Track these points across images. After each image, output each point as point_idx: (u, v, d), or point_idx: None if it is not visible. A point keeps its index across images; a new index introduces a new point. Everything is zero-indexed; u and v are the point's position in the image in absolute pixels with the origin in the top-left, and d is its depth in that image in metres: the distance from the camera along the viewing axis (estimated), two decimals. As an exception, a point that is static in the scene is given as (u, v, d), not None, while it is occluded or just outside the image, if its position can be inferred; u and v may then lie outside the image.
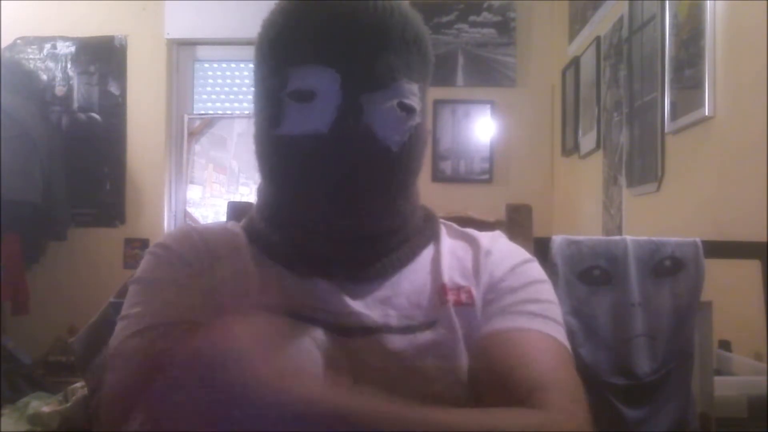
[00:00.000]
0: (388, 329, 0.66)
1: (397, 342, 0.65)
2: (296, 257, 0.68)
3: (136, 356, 0.60)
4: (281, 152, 0.67)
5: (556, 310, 0.69)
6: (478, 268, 0.71)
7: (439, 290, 0.69)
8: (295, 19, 0.67)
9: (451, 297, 0.68)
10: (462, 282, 0.70)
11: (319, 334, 0.64)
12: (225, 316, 0.58)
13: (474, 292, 0.69)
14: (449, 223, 0.79)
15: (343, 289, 0.67)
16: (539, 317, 0.66)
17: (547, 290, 0.71)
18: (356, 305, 0.66)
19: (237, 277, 0.68)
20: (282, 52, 0.67)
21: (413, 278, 0.70)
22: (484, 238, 0.75)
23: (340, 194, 0.64)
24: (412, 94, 0.67)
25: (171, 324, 0.62)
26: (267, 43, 0.69)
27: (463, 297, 0.69)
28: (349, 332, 0.65)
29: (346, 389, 0.59)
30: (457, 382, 0.65)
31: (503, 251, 0.73)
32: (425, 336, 0.66)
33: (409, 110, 0.67)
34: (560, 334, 0.67)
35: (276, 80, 0.67)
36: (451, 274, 0.70)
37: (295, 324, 0.64)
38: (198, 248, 0.70)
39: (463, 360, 0.66)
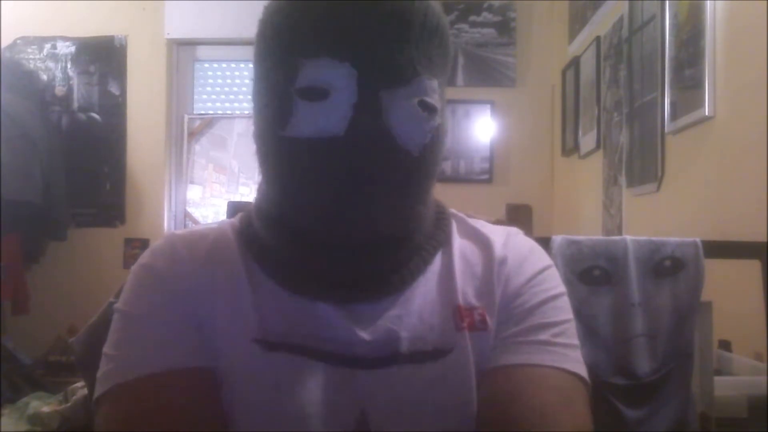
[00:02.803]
0: (398, 358, 0.61)
1: (408, 372, 0.60)
2: (299, 276, 0.62)
3: (112, 426, 0.58)
4: (289, 155, 0.60)
5: (570, 330, 0.65)
6: (491, 280, 0.66)
7: (454, 313, 0.63)
8: (305, 5, 0.59)
9: (466, 321, 0.63)
10: (475, 301, 0.65)
11: (322, 369, 0.60)
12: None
13: (487, 315, 0.64)
14: (460, 216, 0.73)
15: (350, 313, 0.62)
16: (552, 347, 0.62)
17: (562, 305, 0.66)
18: (364, 333, 0.61)
19: (231, 304, 0.62)
20: (290, 43, 0.60)
21: (425, 292, 0.64)
22: (498, 240, 0.69)
23: (356, 202, 0.58)
24: (433, 91, 0.61)
25: (150, 377, 0.58)
26: (272, 32, 0.62)
27: (478, 320, 0.63)
28: (356, 364, 0.60)
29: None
30: (469, 415, 0.61)
31: (518, 258, 0.68)
32: (438, 365, 0.61)
33: (430, 109, 0.60)
34: (570, 361, 0.62)
35: (283, 74, 0.60)
36: (464, 289, 0.65)
37: (295, 361, 0.60)
38: (185, 267, 0.64)
39: (474, 392, 0.62)
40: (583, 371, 0.63)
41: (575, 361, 0.63)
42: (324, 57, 0.58)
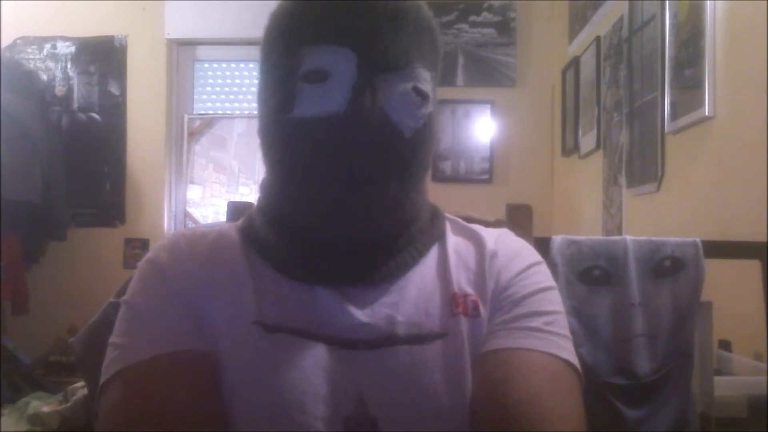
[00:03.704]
0: (395, 340, 0.63)
1: (404, 354, 0.63)
2: (297, 261, 0.65)
3: (117, 408, 0.60)
4: (293, 136, 0.64)
5: (561, 321, 0.67)
6: (483, 272, 0.69)
7: (450, 300, 0.66)
8: (307, 2, 0.65)
9: (460, 307, 0.66)
10: (469, 290, 0.68)
11: (321, 350, 0.62)
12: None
13: (480, 303, 0.67)
14: (454, 218, 0.76)
15: (347, 297, 0.64)
16: (541, 334, 0.64)
17: (552, 298, 0.69)
18: (361, 316, 0.64)
19: (231, 292, 0.65)
20: (295, 34, 0.65)
21: (421, 282, 0.67)
22: (490, 237, 0.72)
23: (353, 178, 0.61)
24: (426, 81, 0.66)
25: (153, 360, 0.61)
26: (279, 25, 0.67)
27: (471, 307, 0.66)
28: (354, 345, 0.63)
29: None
30: (464, 397, 0.63)
31: (509, 252, 0.71)
32: (434, 348, 0.63)
33: (423, 96, 0.65)
34: (562, 350, 0.64)
35: (288, 61, 0.65)
36: (458, 279, 0.68)
37: (294, 342, 0.62)
38: (189, 263, 0.67)
39: (469, 375, 0.64)
40: (574, 360, 0.65)
41: (566, 350, 0.65)
42: (326, 43, 0.63)
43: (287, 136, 0.64)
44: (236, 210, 1.00)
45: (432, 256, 0.70)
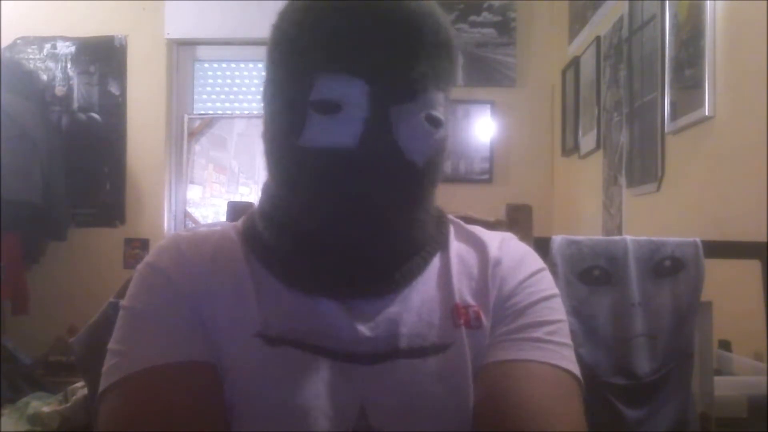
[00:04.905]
0: (397, 353, 0.62)
1: (406, 367, 0.62)
2: (301, 274, 0.64)
3: (115, 420, 0.59)
4: (302, 164, 0.62)
5: (563, 330, 0.66)
6: (485, 280, 0.68)
7: (452, 311, 0.66)
8: (321, 20, 0.61)
9: (462, 318, 0.65)
10: (471, 300, 0.67)
11: (323, 364, 0.61)
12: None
13: (482, 314, 0.66)
14: (457, 221, 0.75)
15: (352, 310, 0.63)
16: (546, 344, 0.64)
17: (555, 306, 0.68)
18: (365, 330, 0.63)
19: (234, 300, 0.63)
20: (306, 56, 0.62)
21: (424, 290, 0.66)
22: (493, 242, 0.71)
23: (363, 210, 0.61)
24: (439, 104, 0.64)
25: (153, 370, 0.59)
26: (288, 43, 0.64)
27: (473, 318, 0.66)
28: (357, 359, 0.62)
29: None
30: (466, 410, 0.62)
31: (513, 259, 0.70)
32: (437, 361, 0.63)
33: (436, 123, 0.63)
34: (564, 359, 0.64)
35: (297, 85, 0.62)
36: (460, 288, 0.67)
37: (297, 356, 0.61)
38: (193, 266, 0.65)
39: (471, 387, 0.63)
40: (576, 370, 0.65)
41: (568, 360, 0.65)
42: (339, 72, 0.61)
43: (296, 163, 0.63)
44: (236, 210, 1.00)
45: (435, 264, 0.69)
